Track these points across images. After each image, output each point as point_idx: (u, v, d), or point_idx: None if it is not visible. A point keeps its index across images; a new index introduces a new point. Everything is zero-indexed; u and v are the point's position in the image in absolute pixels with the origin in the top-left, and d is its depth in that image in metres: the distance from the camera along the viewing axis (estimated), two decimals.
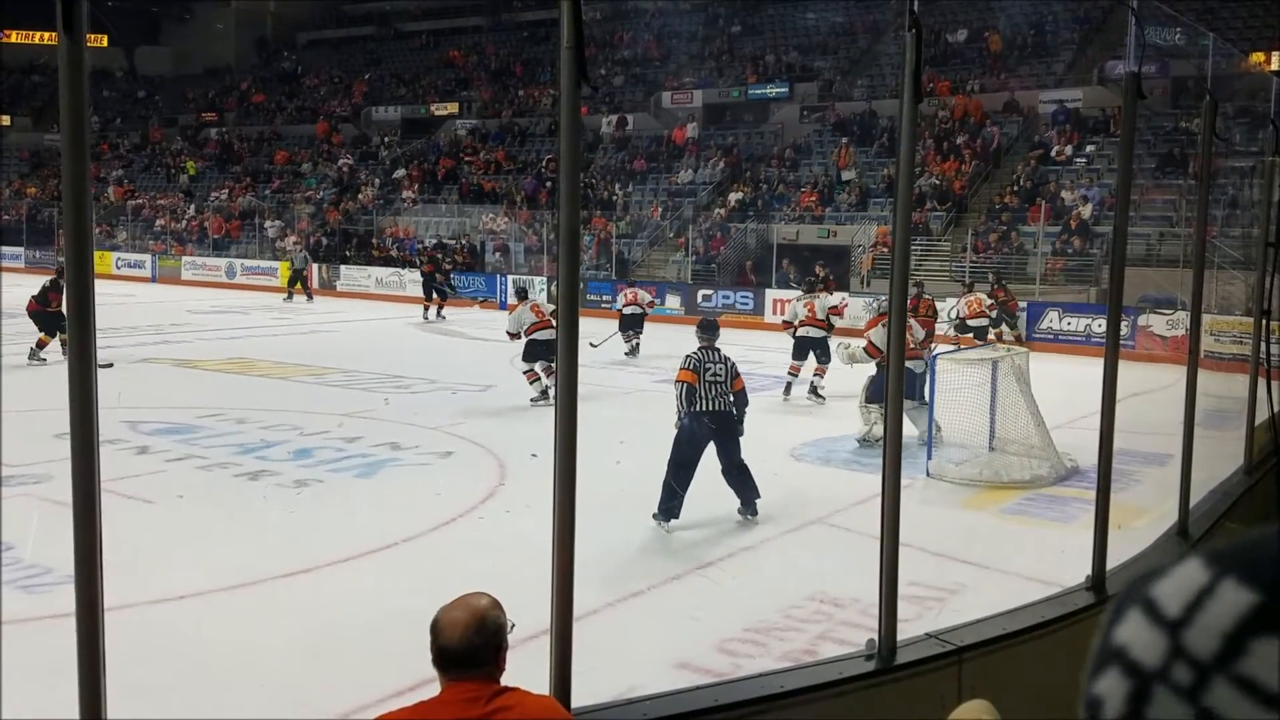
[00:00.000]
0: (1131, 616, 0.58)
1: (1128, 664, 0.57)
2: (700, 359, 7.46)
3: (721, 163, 28.96)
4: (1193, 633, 0.55)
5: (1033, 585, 5.82)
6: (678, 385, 7.45)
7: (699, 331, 7.87)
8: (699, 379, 7.34)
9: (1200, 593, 0.56)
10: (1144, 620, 0.57)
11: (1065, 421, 10.03)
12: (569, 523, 2.93)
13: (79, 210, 2.35)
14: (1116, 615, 0.60)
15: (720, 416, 7.37)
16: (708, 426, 7.29)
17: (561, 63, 2.83)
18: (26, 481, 8.27)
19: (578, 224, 3.06)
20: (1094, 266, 20.65)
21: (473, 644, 2.32)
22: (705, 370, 7.38)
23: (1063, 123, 24.81)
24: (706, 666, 5.24)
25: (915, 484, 8.60)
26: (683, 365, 7.50)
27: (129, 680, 2.80)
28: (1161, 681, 0.55)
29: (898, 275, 3.43)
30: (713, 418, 7.32)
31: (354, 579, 6.45)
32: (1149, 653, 0.56)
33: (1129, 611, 0.59)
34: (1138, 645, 0.57)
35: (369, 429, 10.67)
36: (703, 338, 7.76)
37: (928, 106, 25.26)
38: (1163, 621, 0.57)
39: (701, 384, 7.32)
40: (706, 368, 7.40)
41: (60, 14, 2.25)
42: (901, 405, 3.49)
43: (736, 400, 7.48)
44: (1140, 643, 0.57)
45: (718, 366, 7.46)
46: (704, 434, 7.28)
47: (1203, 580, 0.57)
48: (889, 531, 3.49)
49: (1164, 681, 0.55)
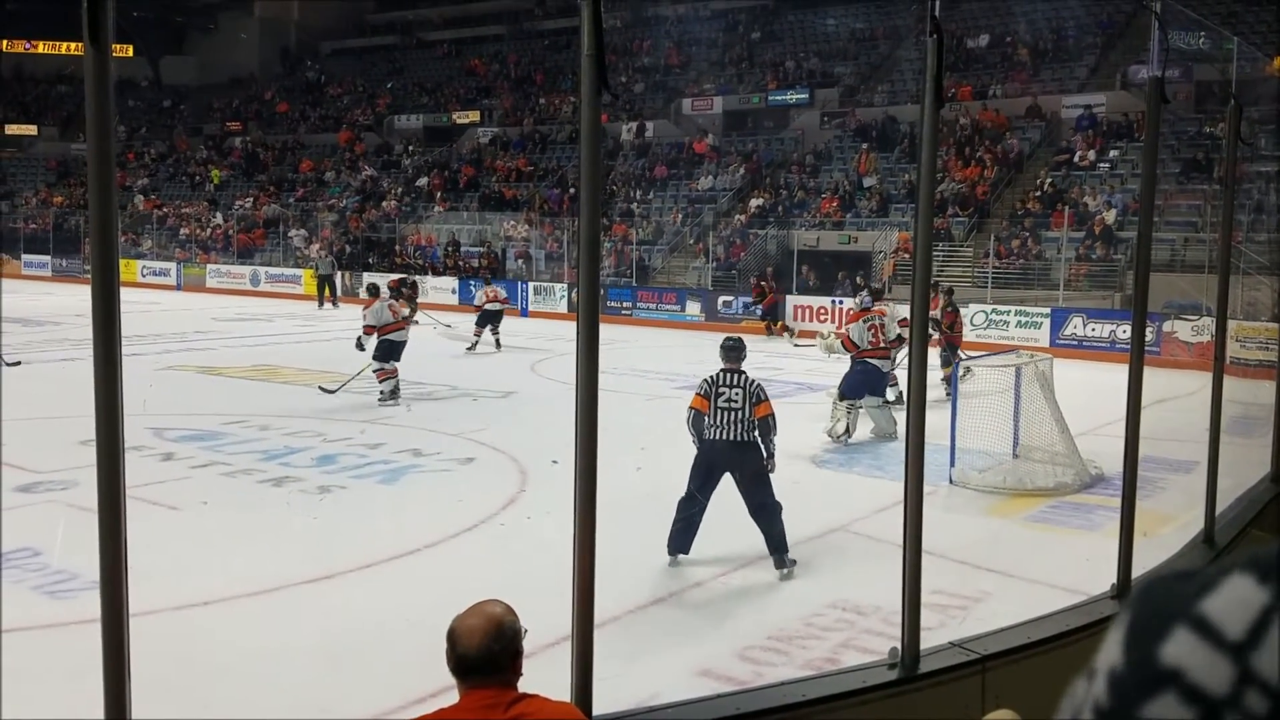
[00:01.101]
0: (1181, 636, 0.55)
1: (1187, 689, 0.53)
2: (714, 382, 6.78)
3: (742, 169, 28.95)
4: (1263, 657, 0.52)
5: (1057, 593, 5.78)
6: (688, 413, 6.84)
7: (720, 353, 7.15)
8: (710, 404, 6.70)
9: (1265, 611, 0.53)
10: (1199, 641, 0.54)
11: (1090, 428, 9.95)
12: (590, 529, 2.94)
13: (105, 219, 2.37)
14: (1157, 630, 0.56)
15: (735, 446, 6.66)
16: (722, 456, 6.67)
17: (582, 70, 2.84)
18: (53, 488, 8.35)
19: (598, 231, 3.07)
20: (1118, 272, 20.50)
21: (491, 651, 2.32)
22: (718, 395, 6.70)
23: (1086, 128, 24.66)
24: (728, 674, 5.22)
25: (938, 491, 8.55)
26: (696, 390, 6.92)
27: (153, 684, 2.82)
28: (1233, 710, 0.52)
29: (919, 281, 3.42)
30: (724, 447, 6.65)
31: (376, 585, 6.47)
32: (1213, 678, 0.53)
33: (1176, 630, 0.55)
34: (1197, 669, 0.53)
35: (391, 435, 10.71)
36: (724, 360, 7.04)
37: (949, 112, 25.15)
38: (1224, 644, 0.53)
39: (713, 410, 6.67)
40: (719, 392, 6.71)
41: (86, 25, 2.28)
42: (924, 411, 3.47)
43: (760, 428, 6.72)
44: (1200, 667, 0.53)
45: (733, 391, 6.73)
46: (715, 465, 6.68)
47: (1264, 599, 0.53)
48: (911, 538, 3.47)
49: (1236, 710, 0.52)
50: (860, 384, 10.60)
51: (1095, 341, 18.37)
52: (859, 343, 10.71)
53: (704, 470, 6.68)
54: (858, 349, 10.70)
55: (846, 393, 10.54)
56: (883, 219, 24.49)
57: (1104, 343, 18.20)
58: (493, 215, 31.19)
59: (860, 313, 11.22)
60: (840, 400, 10.57)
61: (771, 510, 6.65)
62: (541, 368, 16.26)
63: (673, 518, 6.70)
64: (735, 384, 6.76)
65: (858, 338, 10.74)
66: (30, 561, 6.57)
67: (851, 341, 10.75)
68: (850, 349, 10.75)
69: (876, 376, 10.78)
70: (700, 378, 7.13)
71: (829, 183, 26.77)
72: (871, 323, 10.82)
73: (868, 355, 10.72)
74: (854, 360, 10.80)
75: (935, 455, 8.47)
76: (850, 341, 10.77)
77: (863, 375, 10.66)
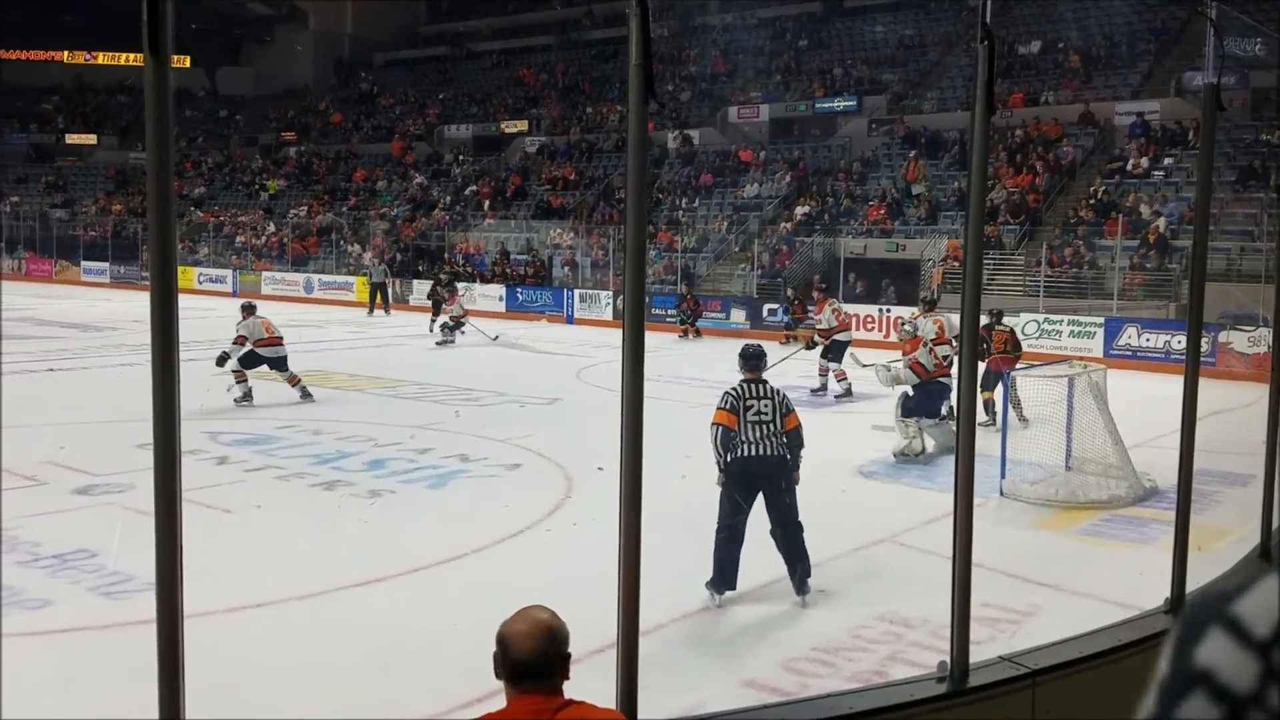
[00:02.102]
0: (1214, 637, 0.55)
1: (1217, 689, 0.54)
2: (739, 394, 6.27)
3: (788, 177, 28.85)
4: None
5: (1109, 608, 5.68)
6: (712, 430, 6.24)
7: (740, 362, 6.62)
8: (739, 419, 6.19)
9: None
10: (1230, 641, 0.55)
11: (1143, 440, 9.79)
12: (635, 536, 2.94)
13: (164, 226, 2.42)
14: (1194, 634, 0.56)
15: (768, 463, 6.18)
16: (756, 474, 6.20)
17: (630, 79, 2.85)
18: (110, 490, 8.52)
19: (644, 238, 3.07)
20: (1172, 281, 20.14)
21: (546, 655, 2.34)
22: (747, 408, 6.21)
23: (1139, 135, 24.28)
24: (773, 685, 5.20)
25: (989, 503, 8.45)
26: (719, 404, 6.34)
27: (205, 686, 2.86)
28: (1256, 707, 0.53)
29: (970, 290, 3.38)
30: (760, 465, 6.18)
31: (424, 589, 6.52)
32: (1240, 676, 0.54)
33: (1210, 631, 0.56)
34: (1226, 668, 0.54)
35: (440, 441, 10.80)
36: (745, 369, 6.52)
37: (999, 119, 24.89)
38: (1251, 643, 0.54)
39: (742, 425, 6.18)
40: (748, 405, 6.21)
41: (146, 36, 2.32)
42: (974, 422, 3.43)
43: (789, 441, 6.29)
44: (1228, 665, 0.54)
45: (762, 403, 6.25)
46: (751, 485, 6.21)
47: None
48: (961, 550, 3.43)
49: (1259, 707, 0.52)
50: (927, 400, 10.53)
51: (1149, 352, 18.05)
52: (929, 367, 10.65)
53: (740, 492, 6.19)
54: (928, 373, 10.63)
55: (915, 410, 10.43)
56: (931, 226, 24.27)
57: (1158, 353, 17.88)
58: (539, 223, 31.39)
59: (915, 339, 11.17)
60: (907, 418, 10.44)
61: (798, 528, 6.27)
62: (587, 374, 16.31)
63: (714, 551, 6.23)
64: (762, 395, 6.30)
65: (927, 362, 10.69)
66: (87, 563, 6.71)
67: (924, 367, 10.64)
68: (922, 375, 10.61)
69: (945, 392, 10.75)
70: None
71: (876, 190, 26.60)
72: (930, 348, 10.86)
73: (937, 374, 10.72)
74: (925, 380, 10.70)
75: (986, 467, 8.38)
76: (922, 367, 10.64)
77: (934, 392, 10.62)
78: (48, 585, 6.34)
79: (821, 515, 6.83)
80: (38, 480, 8.94)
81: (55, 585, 6.34)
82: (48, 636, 5.65)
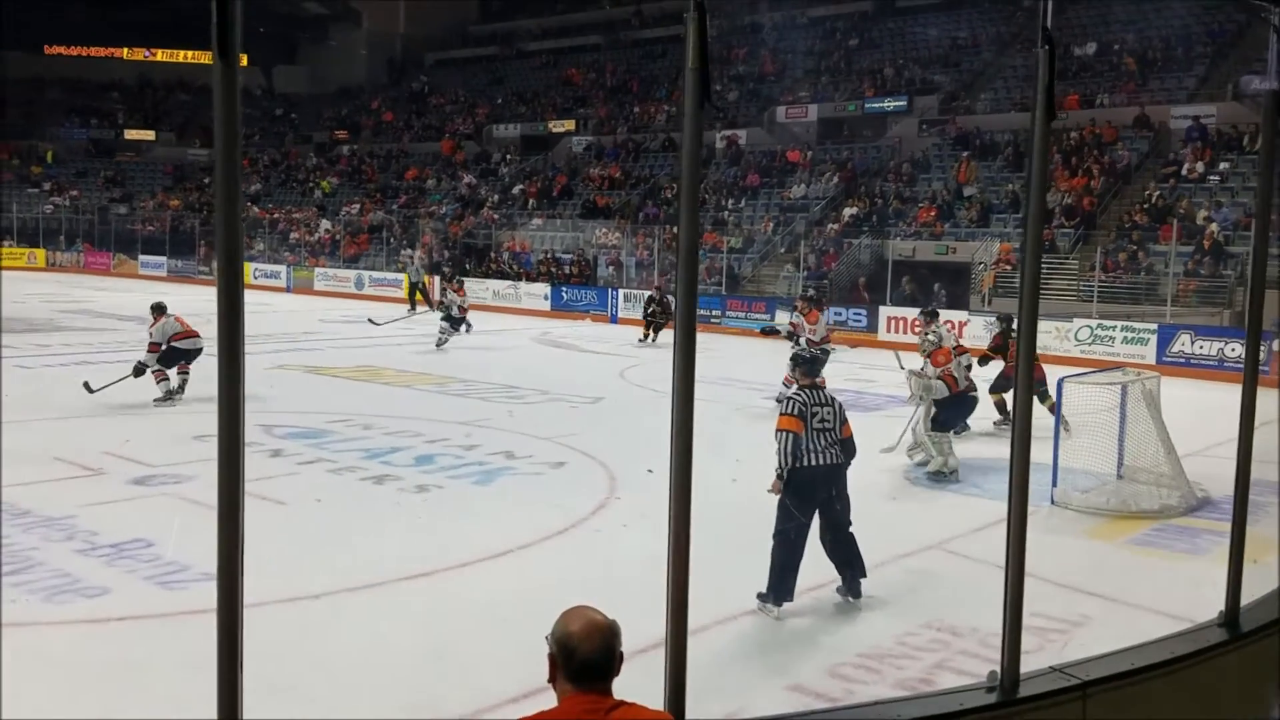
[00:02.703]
0: None
1: None
2: (805, 402, 6.20)
3: (836, 177, 28.68)
4: None
5: (1162, 620, 5.60)
6: (780, 435, 6.15)
7: (798, 367, 6.59)
8: (805, 427, 6.14)
9: None
10: None
11: (1196, 449, 9.63)
12: (684, 537, 2.95)
13: (231, 223, 2.46)
14: None
15: (832, 471, 6.19)
16: (821, 483, 6.17)
17: (686, 82, 2.86)
18: (166, 481, 8.68)
19: (697, 239, 3.08)
20: (1227, 288, 19.76)
21: (611, 652, 2.37)
22: (812, 415, 6.15)
23: (1196, 139, 23.84)
24: (819, 690, 5.18)
25: (1039, 512, 8.36)
26: (784, 410, 6.27)
27: (260, 676, 2.92)
28: None
29: (1028, 294, 3.35)
30: (826, 473, 6.17)
31: (473, 584, 6.58)
32: None
33: None
34: None
35: (486, 438, 10.89)
36: (803, 375, 6.51)
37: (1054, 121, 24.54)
38: None
39: (809, 433, 6.12)
40: (813, 412, 6.16)
41: (215, 37, 2.37)
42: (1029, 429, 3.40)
43: (847, 449, 6.29)
44: None
45: (825, 410, 6.21)
46: (815, 494, 6.18)
47: None
48: (1014, 558, 3.40)
49: None
50: (956, 414, 10.40)
51: (1203, 359, 17.73)
52: (961, 380, 10.50)
53: (807, 501, 6.14)
54: (959, 386, 10.45)
55: (946, 424, 10.18)
56: (983, 229, 24.01)
57: (1212, 361, 17.56)
58: (585, 223, 31.49)
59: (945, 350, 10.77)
60: (938, 432, 10.10)
61: (851, 536, 6.30)
62: (630, 374, 16.35)
63: (774, 562, 6.12)
64: (825, 402, 6.29)
65: (960, 375, 10.52)
66: (144, 553, 6.85)
67: (956, 380, 10.41)
68: (955, 389, 10.36)
69: (972, 404, 10.72)
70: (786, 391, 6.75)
71: (926, 192, 26.35)
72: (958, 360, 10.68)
73: (970, 388, 10.68)
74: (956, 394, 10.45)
75: (1037, 475, 8.27)
76: (955, 380, 10.40)
77: (963, 405, 10.49)
78: (105, 574, 6.47)
79: (869, 521, 6.78)
80: (96, 470, 9.13)
81: (113, 574, 6.48)
82: (105, 624, 5.77)
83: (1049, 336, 18.46)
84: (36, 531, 7.24)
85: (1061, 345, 18.74)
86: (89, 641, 5.57)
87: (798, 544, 6.13)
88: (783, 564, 6.09)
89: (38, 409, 11.68)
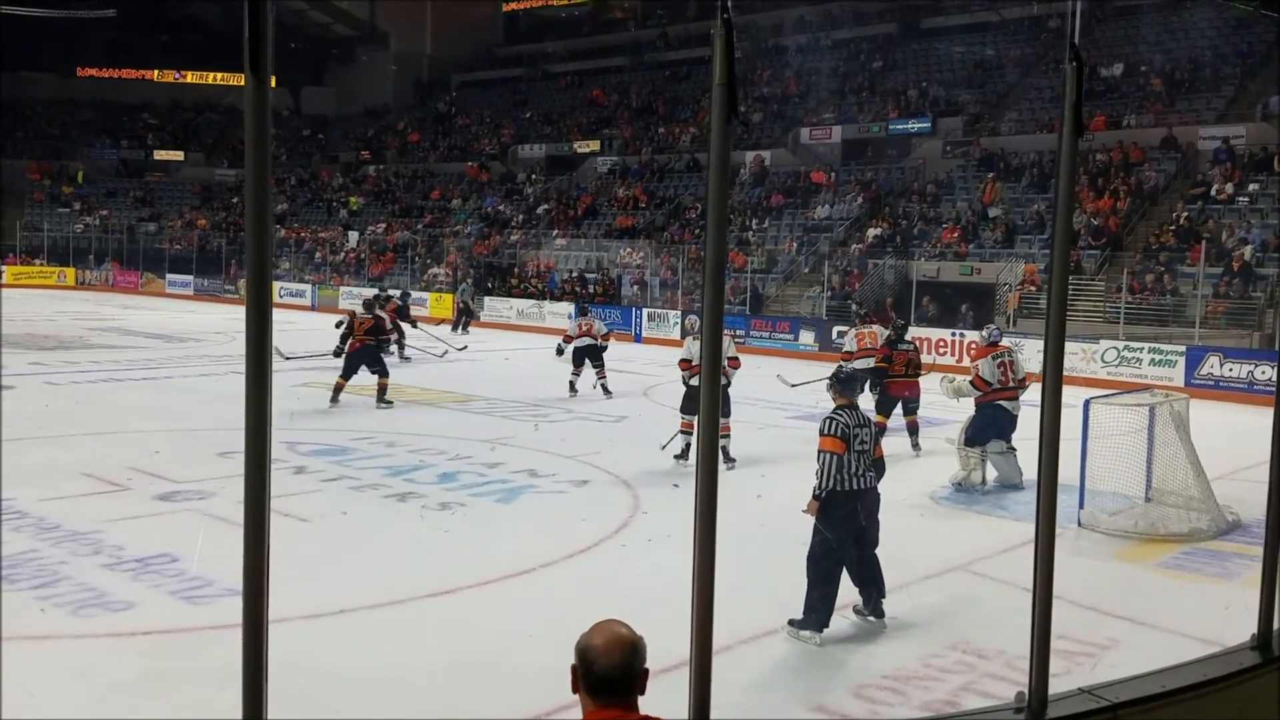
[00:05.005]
0: None
1: None
2: (847, 424, 6.10)
3: (860, 198, 28.65)
4: None
5: (1192, 643, 5.53)
6: (823, 456, 6.02)
7: (836, 387, 6.45)
8: (847, 449, 6.05)
9: None
10: None
11: (1226, 472, 9.52)
12: (709, 555, 2.93)
13: (260, 240, 2.47)
14: None
15: (868, 493, 6.16)
16: (861, 506, 6.11)
17: (714, 99, 2.86)
18: (191, 497, 8.73)
19: (724, 257, 3.07)
20: (1257, 310, 19.56)
21: (632, 668, 2.35)
22: (854, 437, 6.07)
23: (1224, 160, 23.67)
24: (843, 711, 5.14)
25: (1066, 533, 8.27)
26: (825, 430, 6.10)
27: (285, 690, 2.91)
28: None
29: (1054, 315, 3.33)
30: (864, 496, 6.13)
31: (497, 601, 6.58)
32: None
33: None
34: None
35: (510, 456, 10.90)
36: (842, 395, 6.37)
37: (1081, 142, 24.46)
38: None
39: (850, 455, 6.04)
40: (855, 434, 6.08)
41: (247, 56, 2.39)
42: (1057, 449, 3.36)
43: (879, 470, 6.27)
44: None
45: (864, 432, 6.15)
46: (855, 516, 6.10)
47: None
48: (1042, 578, 3.36)
49: None
50: (988, 427, 9.93)
51: (1232, 382, 17.52)
52: (990, 380, 9.97)
53: (843, 523, 6.03)
54: (989, 387, 9.98)
55: (974, 438, 9.93)
56: (1008, 250, 23.90)
57: (1241, 383, 17.35)
58: (610, 242, 31.58)
59: (988, 348, 10.28)
60: (968, 446, 9.97)
61: (875, 556, 6.26)
62: (654, 393, 16.33)
63: (813, 587, 6.00)
64: (863, 423, 6.22)
65: (989, 375, 9.98)
66: (169, 567, 6.88)
67: (983, 380, 9.99)
68: (982, 388, 10.01)
69: (1006, 419, 9.98)
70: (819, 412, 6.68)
71: (950, 213, 26.28)
72: (1001, 359, 10.02)
73: (997, 396, 9.96)
74: (981, 403, 10.09)
75: (1064, 497, 8.19)
76: (982, 380, 10.01)
77: (992, 418, 9.95)
78: (131, 588, 6.51)
79: (895, 542, 6.74)
80: (122, 485, 9.20)
81: (138, 588, 6.51)
82: (131, 638, 5.80)
83: (1075, 358, 18.33)
84: (64, 545, 7.30)
85: (1088, 367, 18.59)
86: (114, 655, 5.60)
87: (836, 567, 6.06)
88: (824, 589, 5.99)
89: (67, 425, 11.79)
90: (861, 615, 6.31)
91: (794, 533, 6.65)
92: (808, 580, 6.03)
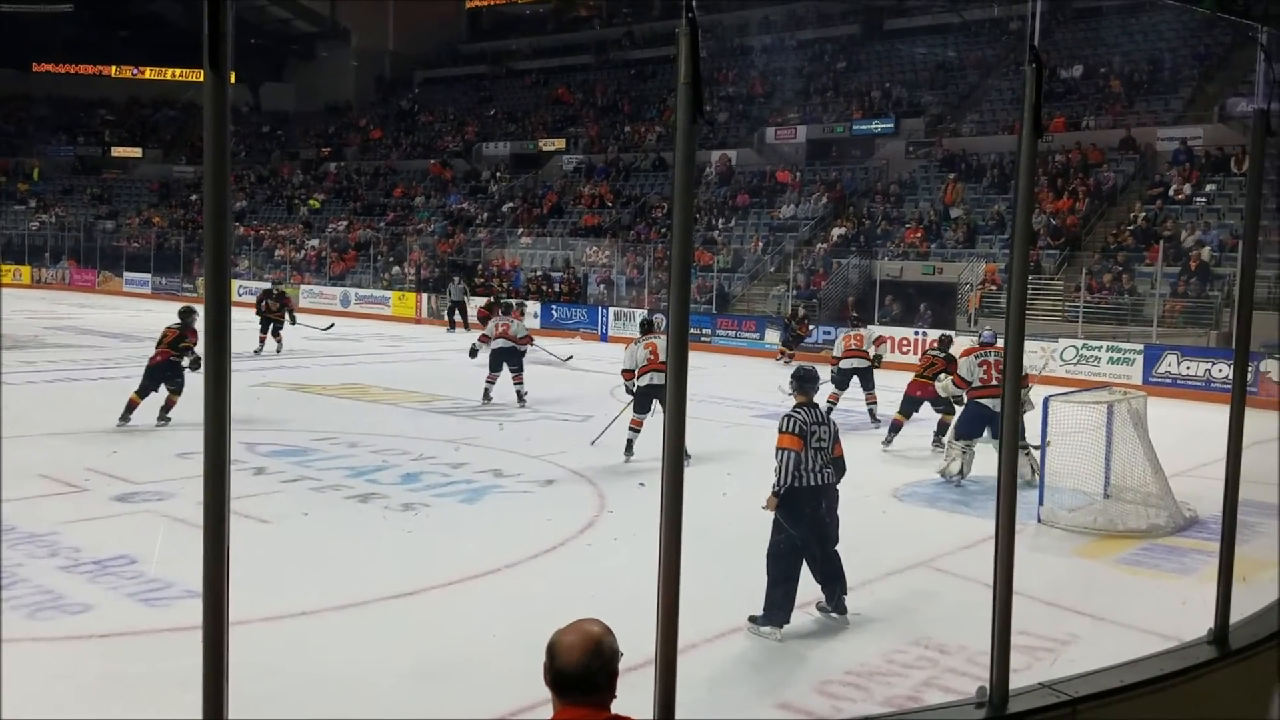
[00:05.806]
0: None
1: None
2: (805, 421, 6.14)
3: (825, 198, 28.81)
4: None
5: (1150, 638, 5.60)
6: (782, 453, 6.08)
7: (796, 384, 6.44)
8: (804, 446, 6.10)
9: None
10: None
11: (1183, 469, 9.65)
12: (675, 554, 2.93)
13: (219, 237, 2.45)
14: None
15: (826, 491, 6.20)
16: (818, 503, 6.16)
17: (679, 97, 2.86)
18: (150, 498, 8.61)
19: (690, 255, 3.08)
20: (1214, 309, 19.88)
21: (590, 669, 2.34)
22: (811, 435, 6.12)
23: (1182, 161, 24.04)
24: (806, 708, 5.16)
25: (1026, 530, 8.37)
26: (784, 428, 6.15)
27: (246, 694, 2.88)
28: None
29: (1014, 315, 3.36)
30: (822, 494, 6.17)
31: (462, 602, 6.55)
32: None
33: None
34: None
35: (474, 456, 10.85)
36: (801, 392, 6.37)
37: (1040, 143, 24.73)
38: None
39: (807, 452, 6.09)
40: (812, 431, 6.12)
41: (207, 52, 2.36)
42: (1016, 446, 3.40)
43: (838, 468, 6.31)
44: None
45: (822, 429, 6.18)
46: (814, 513, 6.15)
47: None
48: (1002, 574, 3.40)
49: None
50: (974, 423, 10.28)
51: (1189, 380, 17.82)
52: (969, 379, 10.41)
53: (801, 518, 6.08)
54: (968, 385, 10.41)
55: (962, 432, 10.33)
56: (969, 250, 24.13)
57: (1198, 381, 17.65)
58: (575, 241, 31.52)
59: (974, 348, 10.83)
60: (956, 440, 10.36)
61: (836, 553, 6.31)
62: (620, 393, 16.31)
63: (773, 584, 6.05)
64: (822, 421, 6.25)
65: (967, 373, 10.45)
66: (127, 569, 6.78)
67: (962, 378, 10.48)
68: (961, 386, 10.49)
69: (990, 416, 10.10)
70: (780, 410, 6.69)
71: (914, 213, 26.49)
72: (984, 359, 10.39)
73: (980, 394, 10.31)
74: (969, 400, 10.52)
75: (1024, 493, 8.29)
76: (960, 379, 10.50)
77: (977, 414, 10.31)
78: (88, 590, 6.41)
79: (858, 539, 6.78)
80: (80, 486, 9.07)
81: (95, 590, 6.42)
82: (88, 641, 5.71)
83: (1034, 356, 18.53)
84: (20, 548, 7.17)
85: (1047, 366, 18.81)
86: (72, 659, 5.51)
87: (796, 564, 6.11)
88: (786, 586, 6.04)
89: (23, 425, 11.59)
90: (824, 611, 6.35)
91: (759, 529, 6.66)
92: (768, 577, 6.08)
